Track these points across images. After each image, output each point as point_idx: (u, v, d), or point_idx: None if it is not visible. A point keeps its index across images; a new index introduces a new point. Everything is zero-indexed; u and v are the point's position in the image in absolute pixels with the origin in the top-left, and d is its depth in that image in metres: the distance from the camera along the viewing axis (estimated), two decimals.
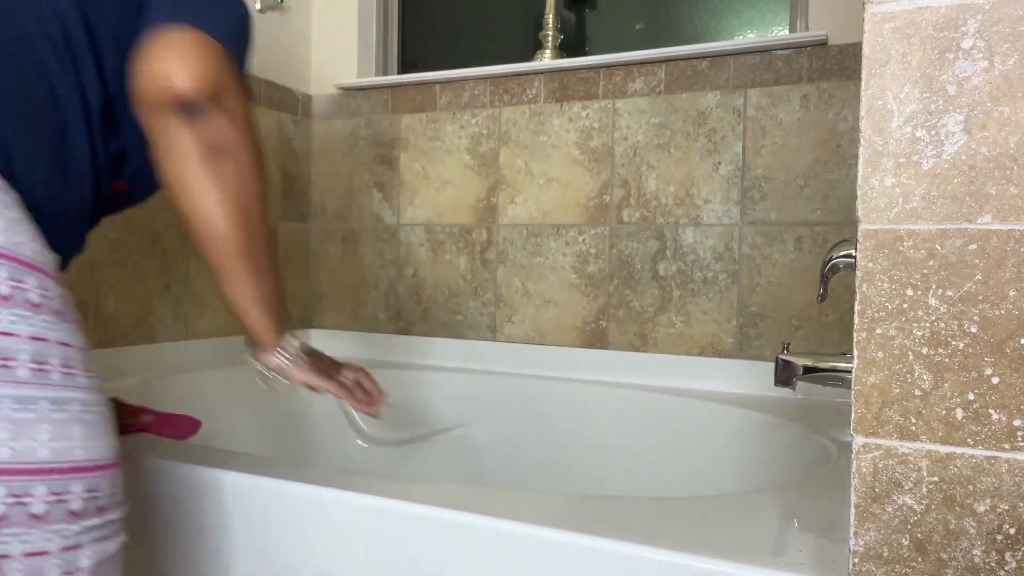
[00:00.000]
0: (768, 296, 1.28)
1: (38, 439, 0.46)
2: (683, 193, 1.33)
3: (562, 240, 1.43)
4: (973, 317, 0.45)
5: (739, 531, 0.58)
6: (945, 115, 0.45)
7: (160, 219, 1.29)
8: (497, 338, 1.49)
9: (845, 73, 1.22)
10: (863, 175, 0.47)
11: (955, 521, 0.46)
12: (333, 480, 0.68)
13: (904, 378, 0.47)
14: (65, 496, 0.47)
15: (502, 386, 1.39)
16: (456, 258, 1.54)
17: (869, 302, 0.47)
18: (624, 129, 1.38)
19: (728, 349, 1.31)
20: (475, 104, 1.51)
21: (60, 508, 0.47)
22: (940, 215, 0.46)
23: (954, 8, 0.45)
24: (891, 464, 0.47)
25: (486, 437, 1.38)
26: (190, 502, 0.72)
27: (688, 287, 1.33)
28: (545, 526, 0.57)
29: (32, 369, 0.47)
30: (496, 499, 0.64)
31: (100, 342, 1.19)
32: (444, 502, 0.62)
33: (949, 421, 0.46)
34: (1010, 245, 0.44)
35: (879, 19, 0.47)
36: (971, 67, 0.45)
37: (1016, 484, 0.44)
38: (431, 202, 1.56)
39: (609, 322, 1.39)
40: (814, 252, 1.25)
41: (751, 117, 1.28)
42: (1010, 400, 0.44)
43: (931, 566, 0.46)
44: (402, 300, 1.59)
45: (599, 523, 0.58)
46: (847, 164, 1.22)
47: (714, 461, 1.17)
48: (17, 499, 0.45)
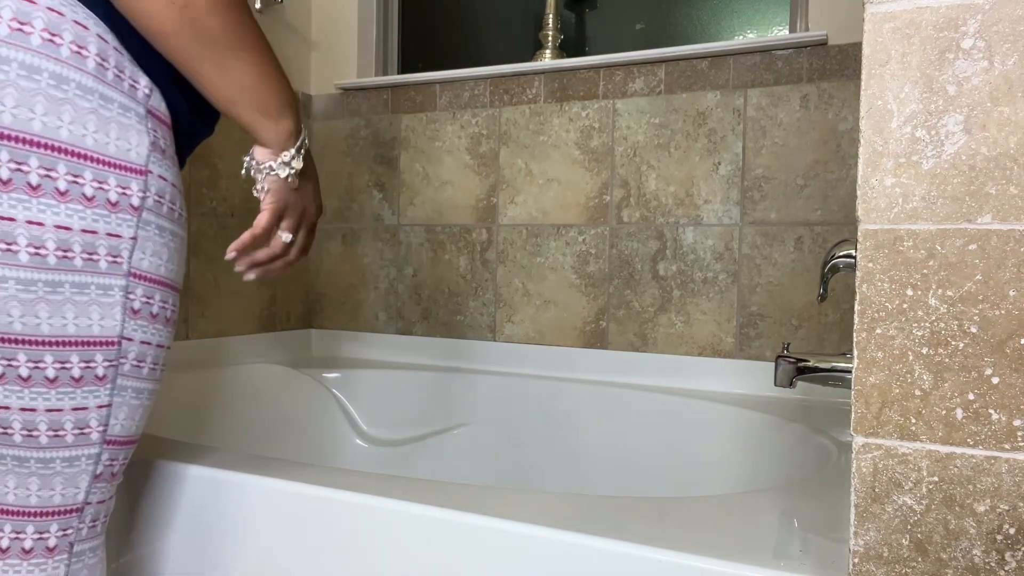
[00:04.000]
0: (768, 296, 1.28)
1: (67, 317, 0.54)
2: (683, 193, 1.33)
3: (562, 240, 1.43)
4: (973, 317, 0.45)
5: (739, 531, 0.58)
6: (945, 115, 0.46)
7: None
8: (497, 338, 1.49)
9: (845, 73, 1.22)
10: (863, 175, 0.48)
11: (955, 521, 0.46)
12: (333, 480, 0.68)
13: (904, 378, 0.47)
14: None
15: (502, 386, 1.39)
16: (456, 258, 1.54)
17: (869, 302, 0.47)
18: (624, 129, 1.38)
19: (728, 349, 1.31)
20: (475, 104, 1.51)
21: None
22: (940, 215, 0.46)
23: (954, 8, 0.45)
24: (891, 464, 0.47)
25: (486, 437, 1.38)
26: (190, 502, 0.72)
27: (688, 287, 1.33)
28: (545, 526, 0.57)
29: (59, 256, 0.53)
30: (496, 499, 0.64)
31: None
32: (444, 502, 0.62)
33: (949, 421, 0.46)
34: (1010, 245, 0.44)
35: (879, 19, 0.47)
36: (971, 67, 0.45)
37: (1016, 484, 0.44)
38: (431, 202, 1.56)
39: (609, 322, 1.39)
40: (814, 252, 1.25)
41: (751, 117, 1.28)
42: (1010, 400, 0.44)
43: (931, 566, 0.46)
44: (402, 300, 1.59)
45: (599, 523, 0.58)
46: (847, 164, 1.22)
47: (714, 461, 1.17)
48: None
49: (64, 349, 0.53)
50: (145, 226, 0.56)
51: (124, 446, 0.59)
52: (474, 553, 0.59)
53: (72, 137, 0.51)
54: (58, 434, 0.55)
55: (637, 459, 1.25)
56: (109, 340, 0.55)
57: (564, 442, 1.32)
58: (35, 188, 0.50)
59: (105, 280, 0.54)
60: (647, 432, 1.25)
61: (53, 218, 0.51)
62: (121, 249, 0.55)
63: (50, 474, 0.55)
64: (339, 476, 0.69)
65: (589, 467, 1.29)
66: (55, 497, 0.56)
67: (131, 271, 0.56)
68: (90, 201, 0.53)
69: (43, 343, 0.53)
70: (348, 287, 1.64)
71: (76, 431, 0.55)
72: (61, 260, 0.52)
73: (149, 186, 0.56)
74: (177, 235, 0.61)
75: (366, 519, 0.63)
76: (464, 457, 1.39)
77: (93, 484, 0.58)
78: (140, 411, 0.60)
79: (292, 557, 0.67)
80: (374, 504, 0.63)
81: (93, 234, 0.53)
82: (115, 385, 0.57)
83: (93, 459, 0.57)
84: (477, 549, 0.59)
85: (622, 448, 1.27)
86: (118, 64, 0.54)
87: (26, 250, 0.51)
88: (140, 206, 0.56)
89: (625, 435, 1.27)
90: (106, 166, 0.53)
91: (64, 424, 0.55)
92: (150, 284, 0.57)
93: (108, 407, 0.57)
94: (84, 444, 0.56)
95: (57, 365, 0.53)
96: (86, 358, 0.55)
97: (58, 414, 0.54)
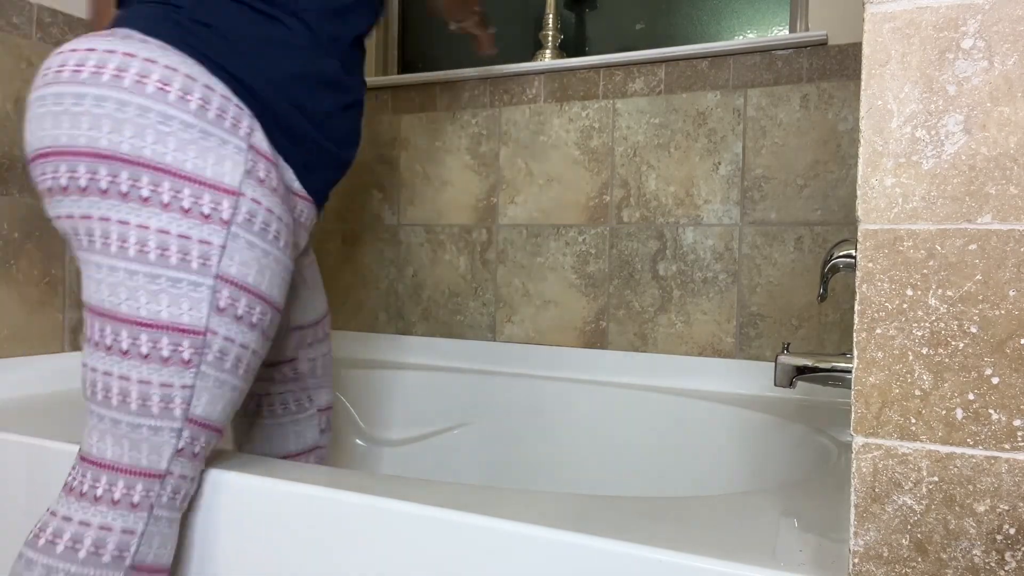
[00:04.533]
0: (768, 296, 1.28)
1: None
2: (683, 193, 1.34)
3: (562, 240, 1.43)
4: (973, 317, 0.45)
5: (739, 531, 0.58)
6: (945, 115, 0.46)
7: None
8: (497, 338, 1.49)
9: (845, 73, 1.22)
10: (863, 175, 0.48)
11: (955, 521, 0.46)
12: (333, 480, 0.68)
13: (904, 378, 0.47)
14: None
15: (502, 386, 1.39)
16: (456, 258, 1.54)
17: (869, 302, 0.47)
18: (624, 129, 1.38)
19: (728, 349, 1.31)
20: (475, 104, 1.51)
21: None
22: (940, 215, 0.46)
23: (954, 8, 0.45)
24: (891, 464, 0.47)
25: (486, 437, 1.38)
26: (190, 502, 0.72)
27: (688, 287, 1.33)
28: (545, 526, 0.57)
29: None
30: (496, 499, 0.64)
31: None
32: (444, 502, 0.62)
33: (949, 421, 0.46)
34: (1010, 245, 0.44)
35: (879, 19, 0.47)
36: (971, 67, 0.45)
37: (1016, 484, 0.44)
38: (431, 202, 1.56)
39: (609, 322, 1.39)
40: (814, 252, 1.25)
41: (751, 117, 1.28)
42: (1010, 400, 0.44)
43: (931, 566, 0.46)
44: (402, 300, 1.59)
45: (599, 523, 0.58)
46: (847, 164, 1.22)
47: (714, 461, 1.17)
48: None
49: (156, 331, 0.64)
50: (234, 238, 0.66)
51: (205, 429, 0.67)
52: (474, 553, 0.59)
53: (175, 162, 0.64)
54: (146, 404, 0.64)
55: (637, 459, 1.25)
56: (195, 330, 0.65)
57: (564, 442, 1.32)
58: (145, 200, 0.64)
59: (195, 278, 0.65)
60: (647, 432, 1.25)
61: (156, 223, 0.64)
62: (211, 254, 0.65)
63: (138, 439, 0.64)
64: (339, 476, 0.69)
65: (589, 467, 1.29)
66: (142, 460, 0.65)
67: (218, 274, 0.66)
68: (187, 213, 0.64)
69: (140, 324, 0.64)
70: (348, 287, 1.64)
71: (161, 404, 0.64)
72: (159, 257, 0.64)
73: (240, 205, 0.67)
74: (269, 254, 0.70)
75: (366, 519, 0.63)
76: (464, 457, 1.40)
77: (175, 457, 0.66)
78: (221, 402, 0.68)
79: (292, 557, 0.67)
80: (374, 504, 0.63)
81: (187, 239, 0.64)
82: (199, 371, 0.65)
83: (175, 433, 0.65)
84: (477, 549, 0.59)
85: (622, 448, 1.27)
86: (220, 106, 0.67)
87: (134, 247, 0.64)
88: (230, 220, 0.66)
89: (625, 435, 1.27)
90: (202, 185, 0.65)
91: (151, 396, 0.64)
92: (236, 288, 0.67)
93: (191, 388, 0.65)
94: (167, 417, 0.65)
95: (150, 344, 0.64)
96: (175, 341, 0.64)
97: (147, 386, 0.64)
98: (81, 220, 0.65)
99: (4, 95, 1.05)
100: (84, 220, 0.64)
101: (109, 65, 0.64)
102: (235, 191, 0.66)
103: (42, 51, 1.10)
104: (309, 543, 0.66)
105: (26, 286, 1.09)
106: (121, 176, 0.63)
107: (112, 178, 0.63)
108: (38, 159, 0.66)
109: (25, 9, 1.08)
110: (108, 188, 0.63)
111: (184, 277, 0.64)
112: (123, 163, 0.63)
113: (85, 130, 0.63)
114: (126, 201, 0.63)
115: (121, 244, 0.64)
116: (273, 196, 0.70)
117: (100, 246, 0.64)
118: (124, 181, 0.63)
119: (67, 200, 0.65)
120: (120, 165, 0.63)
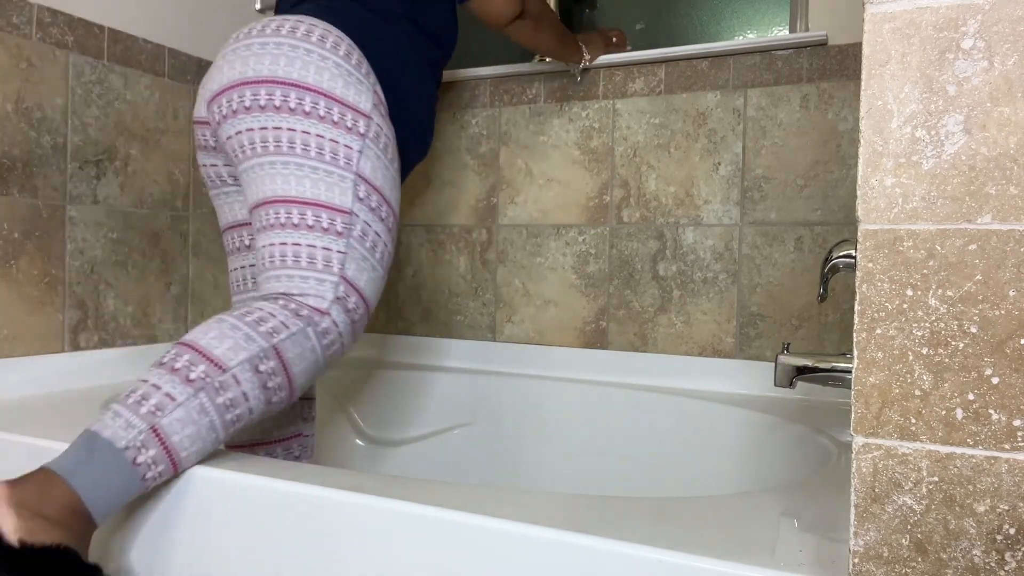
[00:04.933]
0: (768, 296, 1.28)
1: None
2: (683, 193, 1.34)
3: (562, 240, 1.43)
4: (973, 317, 0.45)
5: (739, 531, 0.58)
6: (945, 115, 0.46)
7: (160, 219, 1.29)
8: (497, 338, 1.49)
9: (845, 73, 1.22)
10: (863, 175, 0.48)
11: (955, 521, 0.46)
12: (333, 480, 0.68)
13: (904, 378, 0.47)
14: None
15: (502, 386, 1.39)
16: (456, 258, 1.54)
17: (869, 302, 0.47)
18: (624, 129, 1.38)
19: (728, 349, 1.31)
20: (475, 104, 1.51)
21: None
22: (940, 215, 0.46)
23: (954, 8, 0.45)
24: (891, 464, 0.47)
25: (486, 437, 1.38)
26: (190, 502, 0.72)
27: (688, 287, 1.33)
28: (545, 526, 0.57)
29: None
30: (496, 499, 0.64)
31: (100, 342, 1.19)
32: (444, 502, 0.62)
33: (949, 421, 0.46)
34: (1010, 245, 0.44)
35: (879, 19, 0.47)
36: (971, 67, 0.45)
37: (1016, 484, 0.44)
38: (431, 202, 1.56)
39: (609, 322, 1.39)
40: (814, 252, 1.25)
41: (751, 117, 1.28)
42: (1010, 400, 0.44)
43: (931, 566, 0.46)
44: (402, 300, 1.59)
45: (599, 523, 0.58)
46: (847, 164, 1.22)
47: (714, 461, 1.17)
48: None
49: (317, 208, 0.84)
50: (367, 148, 0.87)
51: (354, 289, 0.85)
52: (474, 553, 0.59)
53: (329, 87, 0.86)
54: (312, 262, 0.83)
55: (637, 459, 1.25)
56: (344, 209, 0.85)
57: (564, 442, 1.32)
58: (307, 113, 0.85)
59: (342, 172, 0.85)
60: (647, 432, 1.25)
61: (314, 130, 0.85)
62: (352, 156, 0.86)
63: (306, 287, 0.83)
64: (339, 476, 0.69)
65: (589, 467, 1.29)
66: (309, 299, 0.83)
67: (357, 172, 0.86)
68: (336, 124, 0.85)
69: (305, 203, 0.84)
70: None
71: (323, 263, 0.83)
72: (317, 155, 0.84)
73: (371, 126, 0.88)
74: (389, 167, 0.91)
75: (366, 519, 0.63)
76: (464, 457, 1.40)
77: (333, 304, 0.83)
78: (365, 274, 0.86)
79: (292, 557, 0.67)
80: (374, 504, 0.63)
81: (336, 143, 0.85)
82: (348, 242, 0.85)
83: (334, 285, 0.83)
84: (477, 549, 0.59)
85: (622, 448, 1.27)
86: (358, 59, 0.90)
87: (300, 146, 0.84)
88: (364, 134, 0.87)
89: (625, 435, 1.27)
90: (345, 106, 0.86)
91: (316, 256, 0.83)
92: (368, 185, 0.87)
93: (344, 254, 0.84)
94: (327, 273, 0.83)
95: (312, 218, 0.84)
96: (330, 217, 0.84)
97: (312, 248, 0.84)
98: (259, 131, 0.85)
99: (4, 95, 1.05)
100: (261, 131, 0.85)
101: (286, 24, 0.88)
102: (367, 114, 0.88)
103: (42, 51, 1.10)
104: (308, 543, 0.66)
105: (26, 286, 1.09)
106: (291, 96, 0.85)
107: (284, 97, 0.85)
108: (228, 90, 0.87)
109: (25, 9, 1.08)
110: (281, 104, 0.85)
111: (335, 171, 0.85)
112: (292, 86, 0.85)
113: (267, 64, 0.86)
114: (294, 114, 0.85)
115: (290, 145, 0.85)
116: (389, 127, 0.92)
117: (273, 148, 0.85)
118: (292, 99, 0.85)
119: (249, 117, 0.86)
120: (290, 87, 0.85)
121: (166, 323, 1.31)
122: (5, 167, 1.06)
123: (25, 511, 0.60)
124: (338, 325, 0.83)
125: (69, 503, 0.63)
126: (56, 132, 1.12)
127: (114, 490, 0.66)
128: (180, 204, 1.33)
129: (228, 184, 1.00)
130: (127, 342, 1.24)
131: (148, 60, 1.26)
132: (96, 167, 1.18)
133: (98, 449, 0.66)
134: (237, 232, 1.02)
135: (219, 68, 0.90)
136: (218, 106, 0.89)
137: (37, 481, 0.63)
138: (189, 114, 1.35)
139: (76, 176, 1.15)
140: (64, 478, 0.64)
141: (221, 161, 0.98)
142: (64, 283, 1.14)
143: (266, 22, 0.90)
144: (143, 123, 1.26)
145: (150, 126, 1.27)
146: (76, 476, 0.64)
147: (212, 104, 0.90)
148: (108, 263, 1.21)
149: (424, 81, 1.00)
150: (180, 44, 1.33)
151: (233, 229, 1.02)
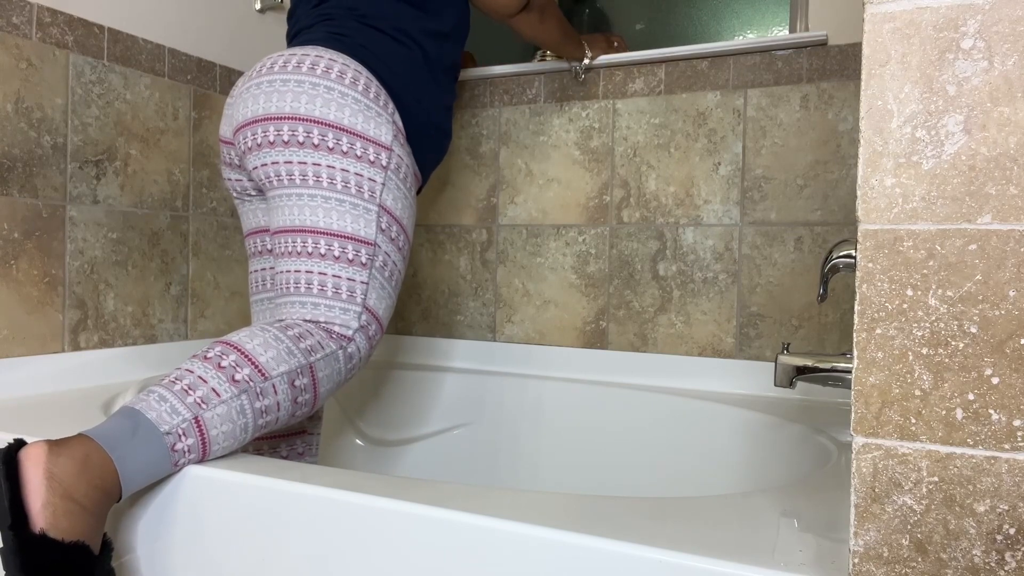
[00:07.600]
0: (768, 296, 1.28)
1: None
2: (683, 193, 1.34)
3: (562, 240, 1.43)
4: (973, 317, 0.45)
5: (739, 531, 0.58)
6: (945, 115, 0.46)
7: (160, 219, 1.29)
8: (497, 338, 1.49)
9: (845, 73, 1.22)
10: (863, 175, 0.48)
11: (955, 521, 0.46)
12: (333, 480, 0.68)
13: (904, 378, 0.47)
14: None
15: (502, 386, 1.39)
16: (456, 258, 1.54)
17: (869, 302, 0.47)
18: (624, 129, 1.38)
19: (728, 349, 1.31)
20: (475, 104, 1.51)
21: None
22: (940, 215, 0.46)
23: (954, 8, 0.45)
24: (891, 464, 0.47)
25: (486, 437, 1.38)
26: (190, 502, 0.72)
27: (688, 287, 1.33)
28: (545, 526, 0.57)
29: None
30: (496, 499, 0.64)
31: (100, 342, 1.19)
32: (444, 502, 0.62)
33: (949, 421, 0.46)
34: (1010, 245, 0.44)
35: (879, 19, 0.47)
36: (971, 67, 0.45)
37: (1016, 484, 0.44)
38: (432, 202, 1.56)
39: (609, 322, 1.39)
40: (814, 252, 1.25)
41: (751, 117, 1.28)
42: (1010, 400, 0.44)
43: (931, 566, 0.46)
44: (402, 300, 1.59)
45: (599, 523, 0.58)
46: (847, 164, 1.22)
47: (714, 461, 1.17)
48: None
49: (344, 239, 0.88)
50: (389, 180, 0.91)
51: (374, 317, 0.90)
52: (474, 553, 0.59)
53: (351, 124, 0.89)
54: (337, 292, 0.88)
55: (637, 459, 1.25)
56: (369, 240, 0.89)
57: (564, 442, 1.32)
58: (331, 149, 0.88)
59: (367, 204, 0.89)
60: (647, 432, 1.25)
61: (339, 164, 0.88)
62: (376, 188, 0.90)
63: (332, 316, 0.87)
64: (339, 476, 0.69)
65: (589, 467, 1.29)
66: (335, 328, 0.87)
67: (380, 204, 0.90)
68: (359, 159, 0.89)
69: (332, 234, 0.88)
70: None
71: (347, 293, 0.88)
72: (343, 189, 0.88)
73: (392, 157, 0.92)
74: (408, 195, 0.95)
75: (366, 519, 0.63)
76: (464, 457, 1.40)
77: (357, 331, 0.88)
78: (384, 302, 0.91)
79: (292, 557, 0.67)
80: (374, 504, 0.63)
81: (360, 176, 0.89)
82: (370, 273, 0.89)
83: (356, 315, 0.88)
84: (477, 549, 0.59)
85: (622, 448, 1.27)
86: (376, 91, 0.92)
87: (327, 180, 0.88)
88: (387, 166, 0.91)
89: (625, 435, 1.27)
90: (367, 140, 0.90)
91: (341, 286, 0.88)
92: (390, 216, 0.91)
93: (367, 284, 0.89)
94: (351, 303, 0.88)
95: (339, 249, 0.88)
96: (356, 249, 0.88)
97: (337, 279, 0.88)
98: (284, 164, 0.89)
99: (4, 95, 1.05)
100: (287, 164, 0.89)
101: (306, 61, 0.90)
102: (388, 146, 0.91)
103: (42, 51, 1.10)
104: (308, 543, 0.66)
105: (26, 286, 1.09)
106: (314, 132, 0.88)
107: (307, 133, 0.88)
108: (252, 124, 0.90)
109: (25, 9, 1.08)
110: (304, 140, 0.88)
111: (360, 203, 0.89)
112: (315, 123, 0.88)
113: (289, 101, 0.89)
114: (318, 150, 0.88)
115: (316, 179, 0.88)
116: (409, 156, 0.95)
117: (299, 181, 0.88)
118: (316, 135, 0.88)
119: (273, 151, 0.89)
120: (313, 124, 0.88)
121: (166, 323, 1.31)
122: (5, 167, 1.06)
123: (57, 485, 0.60)
124: (360, 350, 0.89)
125: (103, 483, 0.63)
126: (56, 132, 1.12)
127: (148, 471, 0.68)
128: (180, 204, 1.33)
129: (251, 194, 1.04)
130: (127, 342, 1.24)
131: (148, 60, 1.26)
132: (96, 167, 1.18)
133: (142, 428, 0.68)
134: (260, 237, 1.05)
135: (243, 100, 0.92)
136: (243, 137, 0.92)
137: (79, 455, 0.63)
138: (189, 114, 1.35)
139: (76, 176, 1.15)
140: (107, 451, 0.65)
141: (246, 177, 1.01)
142: (64, 283, 1.14)
143: (287, 56, 0.92)
144: (143, 123, 1.26)
145: (150, 126, 1.27)
146: (118, 451, 0.65)
147: (237, 133, 0.93)
148: (108, 263, 1.21)
149: (442, 92, 1.03)
150: (180, 44, 1.33)
151: (256, 234, 1.05)
